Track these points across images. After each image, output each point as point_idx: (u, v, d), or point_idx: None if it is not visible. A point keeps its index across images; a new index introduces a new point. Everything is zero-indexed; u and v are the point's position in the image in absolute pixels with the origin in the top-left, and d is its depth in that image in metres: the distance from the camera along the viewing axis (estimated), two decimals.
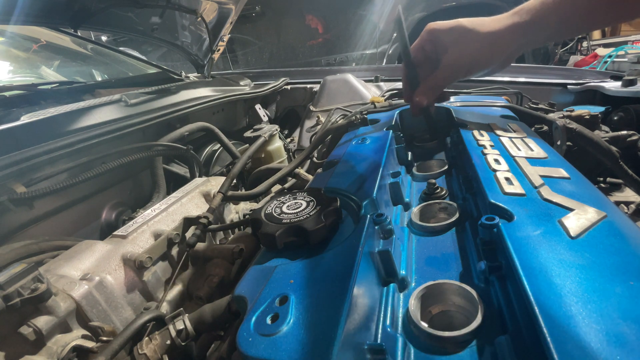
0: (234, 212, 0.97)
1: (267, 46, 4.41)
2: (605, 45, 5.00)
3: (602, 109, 1.20)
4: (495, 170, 0.57)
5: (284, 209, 0.52)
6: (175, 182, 1.28)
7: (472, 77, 0.70)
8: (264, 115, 1.86)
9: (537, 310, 0.31)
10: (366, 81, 1.82)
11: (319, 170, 0.80)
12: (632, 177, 0.87)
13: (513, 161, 0.60)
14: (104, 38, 2.55)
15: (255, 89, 1.83)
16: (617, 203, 0.94)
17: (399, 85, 1.73)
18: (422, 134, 1.00)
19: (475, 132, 0.75)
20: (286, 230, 0.47)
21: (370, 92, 1.70)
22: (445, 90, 0.74)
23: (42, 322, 0.52)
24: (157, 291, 0.69)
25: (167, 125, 1.29)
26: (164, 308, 0.66)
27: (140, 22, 1.64)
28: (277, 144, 1.37)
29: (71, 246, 0.70)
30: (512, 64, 1.94)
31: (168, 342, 0.49)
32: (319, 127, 1.55)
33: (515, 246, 0.39)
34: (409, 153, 0.90)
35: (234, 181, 0.91)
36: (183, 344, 0.50)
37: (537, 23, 0.60)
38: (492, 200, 0.49)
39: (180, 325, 0.50)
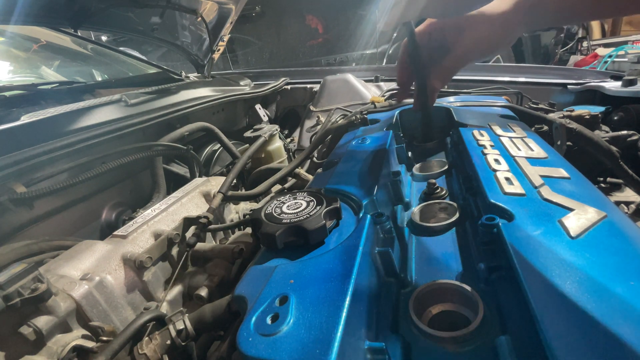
0: (234, 212, 0.97)
1: (267, 46, 4.41)
2: (606, 45, 5.00)
3: (602, 109, 1.20)
4: (495, 170, 0.57)
5: (284, 209, 0.52)
6: (175, 182, 1.28)
7: (486, 58, 0.71)
8: (264, 115, 1.86)
9: (537, 310, 0.31)
10: (366, 81, 1.82)
11: (319, 170, 0.80)
12: (632, 177, 0.87)
13: (513, 161, 0.60)
14: (104, 38, 2.55)
15: (255, 89, 1.83)
16: (617, 203, 0.94)
17: None
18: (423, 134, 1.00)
19: (475, 132, 0.75)
20: (286, 230, 0.47)
21: (370, 92, 1.70)
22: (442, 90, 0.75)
23: (42, 322, 0.52)
24: (157, 291, 0.69)
25: (167, 125, 1.29)
26: (164, 308, 0.66)
27: (140, 22, 1.64)
28: (277, 144, 1.37)
29: (71, 246, 0.70)
30: (512, 64, 1.94)
31: (168, 342, 0.49)
32: (319, 127, 1.55)
33: (515, 246, 0.39)
34: (409, 153, 0.90)
35: (234, 181, 0.91)
36: (183, 344, 0.50)
37: (538, 5, 0.61)
38: (492, 200, 0.49)
39: (180, 325, 0.50)
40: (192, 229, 0.76)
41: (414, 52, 0.72)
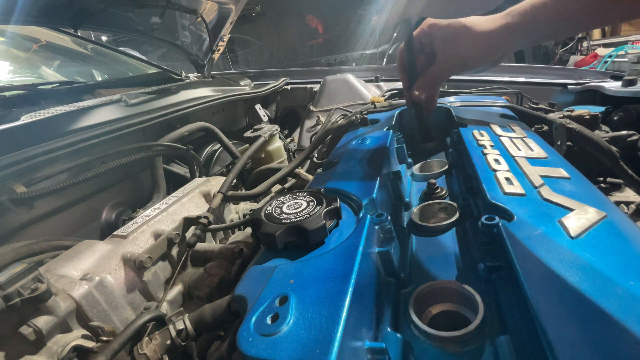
0: (234, 212, 0.97)
1: (267, 46, 4.41)
2: (606, 45, 5.00)
3: (602, 109, 1.20)
4: (495, 170, 0.57)
5: (284, 209, 0.52)
6: (175, 182, 1.28)
7: (466, 72, 0.72)
8: (264, 115, 1.86)
9: (537, 310, 0.31)
10: (366, 81, 1.82)
11: (319, 170, 0.80)
12: (632, 177, 0.87)
13: (513, 161, 0.60)
14: (104, 38, 2.55)
15: (255, 89, 1.83)
16: (617, 203, 0.94)
17: (399, 85, 1.73)
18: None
19: (475, 132, 0.75)
20: (286, 230, 0.47)
21: (370, 92, 1.70)
22: (440, 90, 0.76)
23: (42, 322, 0.52)
24: (157, 291, 0.69)
25: (167, 125, 1.29)
26: (164, 308, 0.66)
27: (140, 22, 1.64)
28: (277, 144, 1.37)
29: (71, 246, 0.70)
30: (512, 64, 1.94)
31: (168, 342, 0.49)
32: (319, 127, 1.55)
33: (515, 246, 0.39)
34: (409, 153, 0.90)
35: (234, 181, 0.91)
36: (183, 344, 0.50)
37: (527, 25, 0.62)
38: (492, 200, 0.49)
39: (180, 325, 0.50)
40: (192, 229, 0.76)
41: (409, 50, 0.72)
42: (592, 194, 0.49)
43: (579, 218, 0.43)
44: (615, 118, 1.18)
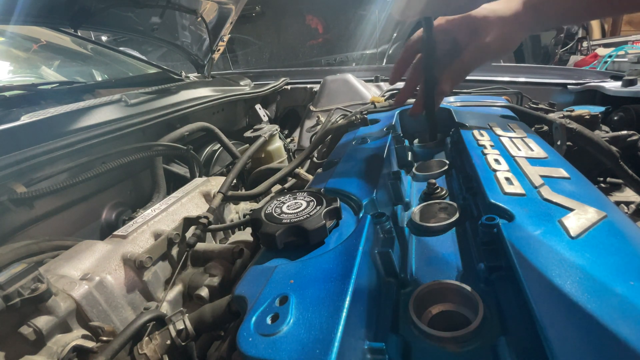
0: (234, 212, 0.97)
1: (267, 46, 4.41)
2: (606, 45, 5.00)
3: (602, 109, 1.20)
4: (495, 170, 0.57)
5: (284, 209, 0.52)
6: (175, 182, 1.28)
7: (498, 59, 0.71)
8: (264, 115, 1.86)
9: (537, 310, 0.31)
10: (366, 81, 1.82)
11: (319, 170, 0.80)
12: (632, 177, 0.87)
13: (513, 161, 0.60)
14: (104, 38, 2.55)
15: (255, 89, 1.83)
16: (617, 203, 0.94)
17: (399, 85, 1.73)
18: (422, 134, 1.00)
19: (475, 132, 0.75)
20: (286, 230, 0.47)
21: (370, 92, 1.70)
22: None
23: (42, 322, 0.52)
24: (157, 291, 0.69)
25: (167, 125, 1.29)
26: (164, 308, 0.66)
27: (140, 22, 1.64)
28: (277, 144, 1.37)
29: (71, 246, 0.70)
30: (512, 64, 1.94)
31: (168, 342, 0.49)
32: (319, 127, 1.55)
33: (515, 246, 0.39)
34: (409, 153, 0.90)
35: (234, 181, 0.91)
36: (183, 344, 0.50)
37: (544, 6, 0.62)
38: (492, 200, 0.49)
39: (180, 325, 0.50)
40: (192, 229, 0.76)
41: (430, 50, 0.70)
42: (592, 194, 0.49)
43: (579, 218, 0.43)
44: (615, 118, 1.19)
